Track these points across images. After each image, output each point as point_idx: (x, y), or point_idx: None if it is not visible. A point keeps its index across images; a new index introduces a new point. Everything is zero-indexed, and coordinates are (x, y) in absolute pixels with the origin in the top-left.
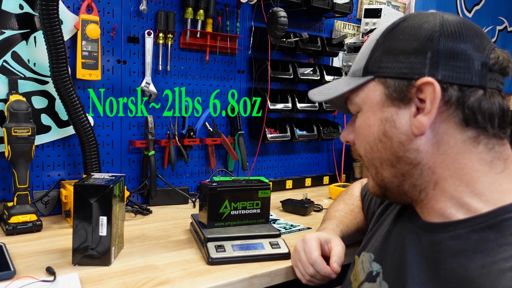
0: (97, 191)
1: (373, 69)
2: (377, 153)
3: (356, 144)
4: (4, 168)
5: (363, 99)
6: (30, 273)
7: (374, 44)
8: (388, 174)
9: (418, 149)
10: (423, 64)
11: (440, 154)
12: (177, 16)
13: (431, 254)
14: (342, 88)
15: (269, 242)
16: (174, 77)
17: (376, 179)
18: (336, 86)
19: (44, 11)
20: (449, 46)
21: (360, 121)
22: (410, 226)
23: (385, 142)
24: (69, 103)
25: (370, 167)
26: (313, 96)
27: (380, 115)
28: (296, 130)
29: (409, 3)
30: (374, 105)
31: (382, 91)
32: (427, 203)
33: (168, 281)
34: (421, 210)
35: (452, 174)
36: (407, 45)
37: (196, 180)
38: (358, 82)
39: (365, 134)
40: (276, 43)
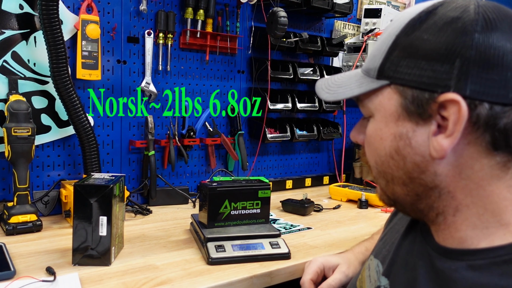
0: (97, 191)
1: (389, 72)
2: (388, 169)
3: (366, 151)
4: (4, 168)
5: (376, 105)
6: (30, 273)
7: (393, 40)
8: (400, 191)
9: (435, 172)
10: (449, 75)
11: (462, 179)
12: (177, 16)
13: (444, 282)
14: (353, 90)
15: (269, 242)
16: (174, 77)
17: (385, 191)
18: (347, 83)
19: (44, 11)
20: (483, 52)
21: (372, 130)
22: (423, 245)
23: (397, 161)
24: (69, 103)
25: (380, 179)
26: (321, 92)
27: (394, 129)
28: (296, 130)
29: (409, 3)
30: (388, 115)
31: (398, 101)
32: (445, 229)
33: (168, 281)
34: (436, 233)
35: (475, 201)
36: (432, 48)
37: (196, 180)
38: (371, 86)
39: (375, 146)
40: (276, 43)
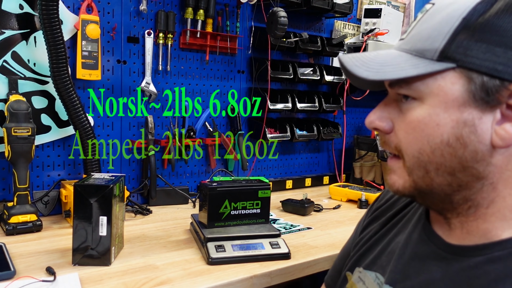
0: (97, 191)
1: (456, 55)
2: (439, 158)
3: (405, 139)
4: (4, 168)
5: (432, 89)
6: (30, 273)
7: (459, 21)
8: (441, 182)
9: (490, 162)
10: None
11: (507, 170)
12: (177, 16)
13: (465, 281)
14: (407, 71)
15: (269, 242)
16: (174, 77)
17: (417, 181)
18: (393, 63)
19: (44, 11)
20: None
21: (422, 115)
22: (431, 247)
23: (456, 148)
24: (69, 103)
25: (418, 169)
26: (355, 69)
27: (457, 115)
28: (296, 130)
29: (409, 3)
30: (450, 101)
31: (464, 86)
32: (473, 221)
33: (168, 281)
34: (454, 226)
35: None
36: (509, 35)
37: (196, 180)
38: (432, 67)
39: (427, 132)
40: (276, 43)
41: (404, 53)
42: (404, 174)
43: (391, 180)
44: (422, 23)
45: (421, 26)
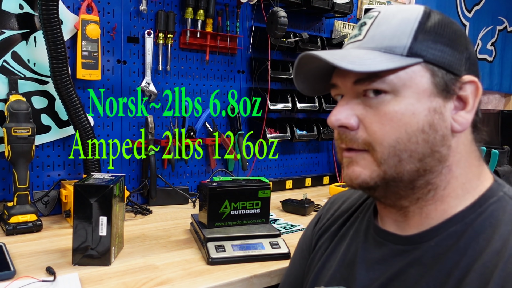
0: (97, 191)
1: (421, 51)
2: (413, 144)
3: (380, 131)
4: (4, 168)
5: (405, 82)
6: (30, 273)
7: (417, 24)
8: (411, 168)
9: (450, 146)
10: (463, 62)
11: (458, 153)
12: (177, 16)
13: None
14: (386, 64)
15: (269, 242)
16: (174, 77)
17: (387, 171)
18: (370, 57)
19: (44, 11)
20: (474, 52)
21: (398, 106)
22: (390, 246)
23: (428, 134)
24: (69, 103)
25: (391, 158)
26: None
27: (428, 104)
28: (296, 130)
29: (409, 3)
30: (421, 91)
31: (430, 78)
32: (431, 204)
33: (168, 281)
34: (412, 214)
35: (462, 173)
36: (453, 39)
37: (196, 180)
38: (405, 61)
39: (404, 121)
40: (276, 43)
41: (372, 51)
42: (372, 165)
43: (354, 172)
44: (378, 26)
45: (378, 28)
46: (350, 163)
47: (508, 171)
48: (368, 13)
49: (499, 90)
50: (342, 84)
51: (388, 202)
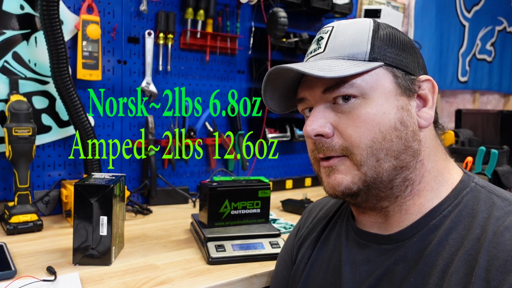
0: (98, 191)
1: (380, 56)
2: (388, 142)
3: (356, 134)
4: (5, 168)
5: (371, 84)
6: (30, 273)
7: (371, 33)
8: (388, 167)
9: (421, 141)
10: (416, 64)
11: (427, 147)
12: (177, 16)
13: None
14: (354, 69)
15: (269, 242)
16: (174, 77)
17: (367, 173)
18: (336, 65)
19: (45, 12)
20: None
21: (370, 108)
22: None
23: (400, 131)
24: (70, 103)
25: (370, 159)
26: (310, 71)
27: (395, 102)
28: (296, 130)
29: (409, 3)
30: (387, 92)
31: (392, 80)
32: (410, 199)
33: (168, 281)
34: (393, 213)
35: (433, 166)
36: (404, 44)
37: (196, 180)
38: (369, 65)
39: (377, 121)
40: (276, 43)
41: (335, 59)
42: (352, 169)
43: (335, 180)
44: (335, 38)
45: (336, 39)
46: (331, 171)
47: (507, 171)
48: (322, 29)
49: (499, 90)
50: (310, 95)
51: (369, 205)
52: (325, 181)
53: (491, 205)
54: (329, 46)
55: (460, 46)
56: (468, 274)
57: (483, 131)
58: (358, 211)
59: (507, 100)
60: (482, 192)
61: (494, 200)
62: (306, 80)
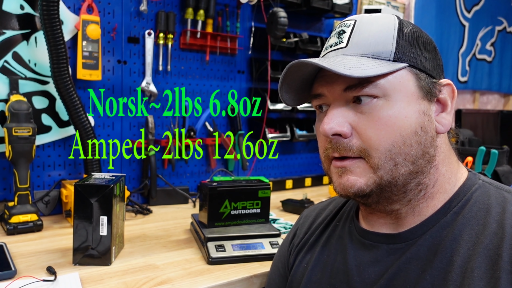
0: (98, 191)
1: (404, 56)
2: (408, 147)
3: (376, 136)
4: (5, 168)
5: (395, 86)
6: (30, 273)
7: (396, 31)
8: (404, 171)
9: (437, 146)
10: (437, 66)
11: (441, 152)
12: (177, 16)
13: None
14: (380, 69)
15: (269, 242)
16: (174, 77)
17: (383, 176)
18: (362, 63)
19: (45, 12)
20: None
21: (392, 110)
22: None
23: (420, 136)
24: (70, 103)
25: (387, 163)
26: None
27: (417, 106)
28: (296, 130)
29: (409, 3)
30: (410, 94)
31: (415, 82)
32: (423, 202)
33: (168, 281)
34: (405, 215)
35: (447, 169)
36: (426, 44)
37: (196, 180)
38: (394, 66)
39: (398, 125)
40: (276, 43)
41: (360, 57)
42: (367, 172)
43: (348, 181)
44: (359, 33)
45: (360, 35)
46: (344, 172)
47: (507, 171)
48: (343, 21)
49: (499, 90)
50: (329, 92)
51: (380, 207)
52: (337, 181)
53: (503, 200)
54: (352, 42)
55: (460, 46)
56: (491, 269)
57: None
58: (367, 211)
59: (507, 100)
60: (491, 188)
61: (504, 195)
62: (325, 76)
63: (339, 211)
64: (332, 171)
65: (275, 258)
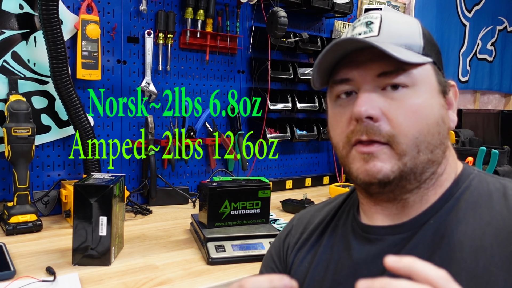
0: (97, 191)
1: (429, 52)
2: (430, 136)
3: (406, 123)
4: (4, 168)
5: (423, 77)
6: (30, 273)
7: (421, 28)
8: (424, 159)
9: (448, 137)
10: (443, 69)
11: (449, 145)
12: (177, 16)
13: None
14: (417, 58)
15: (269, 242)
16: (174, 77)
17: (406, 163)
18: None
19: (44, 11)
20: None
21: (420, 100)
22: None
23: (441, 126)
24: (69, 103)
25: (412, 149)
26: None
27: (438, 100)
28: (296, 130)
29: (409, 3)
30: (433, 87)
31: (436, 77)
32: (432, 189)
33: (168, 281)
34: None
35: (452, 160)
36: (438, 48)
37: (196, 180)
38: (425, 59)
39: (425, 114)
40: (276, 43)
41: (395, 45)
42: (393, 158)
43: (375, 167)
44: (389, 25)
45: (390, 26)
46: (370, 158)
47: (508, 171)
48: (367, 14)
49: (499, 90)
50: (360, 76)
51: (390, 196)
52: (361, 167)
53: (501, 185)
54: (383, 31)
55: (460, 46)
56: (506, 250)
57: (483, 131)
58: (371, 203)
59: (508, 100)
60: (487, 176)
61: (501, 182)
62: (356, 61)
63: (337, 211)
64: (353, 157)
65: (266, 259)
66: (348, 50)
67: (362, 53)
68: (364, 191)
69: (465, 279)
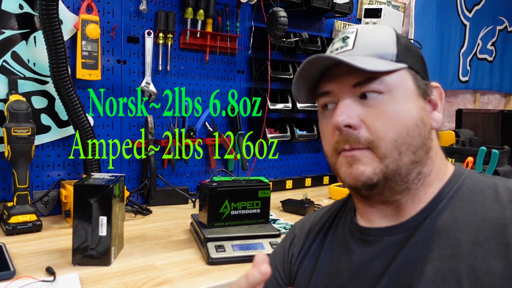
0: (97, 191)
1: (403, 59)
2: (410, 138)
3: (383, 127)
4: (4, 168)
5: (398, 83)
6: (30, 273)
7: (395, 37)
8: (407, 161)
9: (432, 140)
10: (426, 73)
11: (434, 146)
12: (177, 16)
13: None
14: (387, 66)
15: (269, 242)
16: (174, 77)
17: (388, 165)
18: (370, 62)
19: (44, 11)
20: None
21: (396, 104)
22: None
23: (421, 128)
24: (69, 103)
25: (393, 152)
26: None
27: (416, 102)
28: (296, 130)
29: (409, 3)
30: (410, 91)
31: (413, 82)
32: (421, 190)
33: (168, 281)
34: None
35: (440, 161)
36: (417, 53)
37: (196, 180)
38: (397, 65)
39: (402, 117)
40: (276, 43)
41: (366, 57)
42: (374, 161)
43: (358, 170)
44: (363, 38)
45: (364, 39)
46: (354, 162)
47: (508, 171)
48: (345, 30)
49: (499, 90)
50: (338, 89)
51: (382, 199)
52: (346, 171)
53: (492, 183)
54: (357, 45)
55: (461, 46)
56: (501, 243)
57: (483, 131)
58: (366, 206)
59: (508, 100)
60: (479, 175)
61: (492, 180)
62: (334, 74)
63: (335, 217)
64: (341, 163)
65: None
66: (325, 65)
67: (339, 66)
68: (357, 194)
69: (465, 273)
